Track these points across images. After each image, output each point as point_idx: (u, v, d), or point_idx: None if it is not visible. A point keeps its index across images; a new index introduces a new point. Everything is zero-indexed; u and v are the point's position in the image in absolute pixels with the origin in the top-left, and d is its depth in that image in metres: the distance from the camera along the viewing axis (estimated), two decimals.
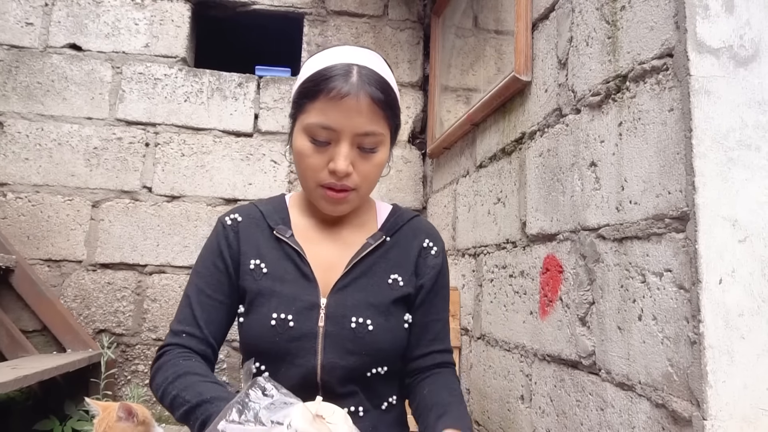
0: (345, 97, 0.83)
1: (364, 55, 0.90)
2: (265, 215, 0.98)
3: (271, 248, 0.94)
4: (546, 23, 1.54)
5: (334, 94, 0.83)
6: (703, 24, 0.97)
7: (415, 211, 1.08)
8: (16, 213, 2.51)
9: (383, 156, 0.91)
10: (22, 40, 2.59)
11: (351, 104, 0.84)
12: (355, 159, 0.88)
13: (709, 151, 0.95)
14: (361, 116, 0.85)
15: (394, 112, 0.92)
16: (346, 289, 0.92)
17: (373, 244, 0.96)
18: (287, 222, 0.97)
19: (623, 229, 1.13)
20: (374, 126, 0.87)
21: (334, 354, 0.88)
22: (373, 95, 0.85)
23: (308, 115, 0.87)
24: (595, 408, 1.21)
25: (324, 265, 0.94)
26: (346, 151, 0.86)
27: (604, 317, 1.19)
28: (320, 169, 0.88)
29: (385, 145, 0.91)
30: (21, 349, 2.32)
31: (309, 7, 2.83)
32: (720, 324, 0.91)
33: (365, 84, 0.85)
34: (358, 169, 0.88)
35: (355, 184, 0.89)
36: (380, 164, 0.92)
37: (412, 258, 0.98)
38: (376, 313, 0.91)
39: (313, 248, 0.95)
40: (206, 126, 2.68)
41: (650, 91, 1.07)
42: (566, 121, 1.40)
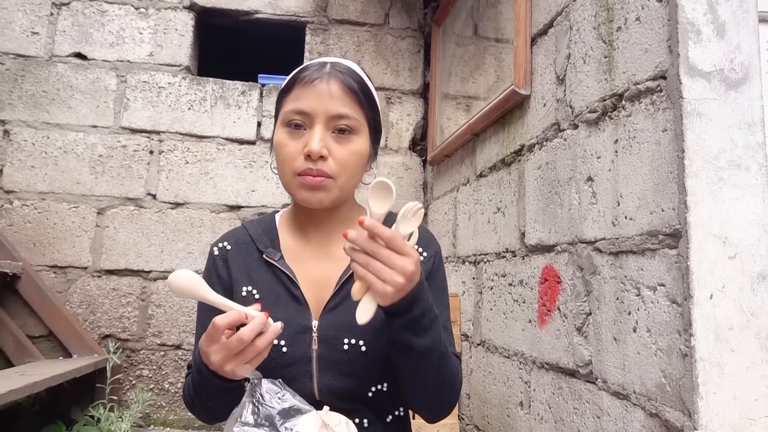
0: (316, 81, 0.88)
1: (342, 59, 0.96)
2: (254, 239, 0.97)
3: (262, 273, 0.94)
4: (545, 39, 1.58)
5: (307, 80, 0.88)
6: (695, 48, 1.01)
7: None
8: (22, 220, 2.54)
9: (360, 146, 0.90)
10: (27, 49, 2.63)
11: (322, 87, 0.87)
12: (331, 144, 0.88)
13: (701, 170, 0.99)
14: (332, 98, 0.87)
15: (371, 104, 0.92)
16: (337, 309, 0.90)
17: None
18: (276, 244, 0.97)
19: (619, 244, 1.17)
20: (347, 108, 0.88)
21: (329, 377, 0.88)
22: (344, 80, 0.88)
23: (285, 106, 0.91)
24: (592, 416, 1.25)
25: (315, 284, 0.93)
26: (320, 133, 0.87)
27: (601, 328, 1.23)
28: (296, 156, 0.88)
29: (361, 135, 0.91)
30: (27, 355, 2.36)
31: (311, 16, 2.87)
32: (711, 337, 0.95)
33: (337, 72, 0.89)
34: (334, 155, 0.88)
35: (331, 170, 0.88)
36: (357, 152, 0.90)
37: None
38: (368, 331, 0.88)
39: (303, 268, 0.95)
40: (210, 134, 2.72)
41: (645, 111, 1.11)
42: (564, 135, 1.44)
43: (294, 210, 1.01)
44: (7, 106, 2.59)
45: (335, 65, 0.91)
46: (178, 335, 2.59)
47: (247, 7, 2.82)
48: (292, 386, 0.81)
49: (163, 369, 2.58)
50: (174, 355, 2.58)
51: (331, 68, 0.90)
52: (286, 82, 0.93)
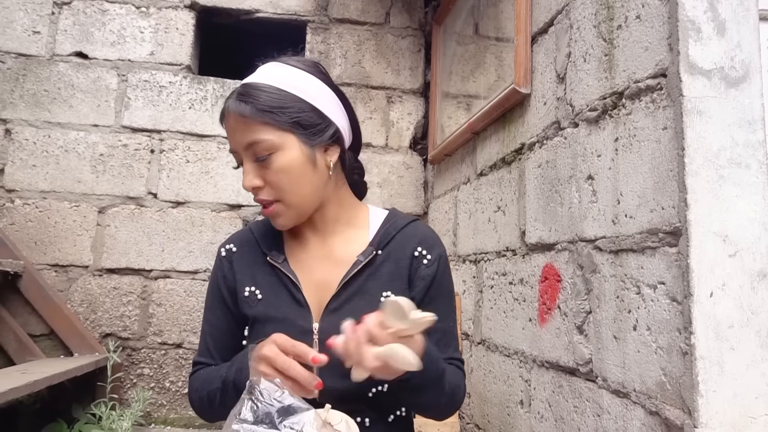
0: (224, 119, 0.90)
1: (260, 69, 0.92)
2: (258, 240, 0.99)
3: (265, 274, 0.95)
4: (545, 37, 1.58)
5: (223, 119, 0.91)
6: (696, 46, 1.01)
7: (415, 216, 1.06)
8: (23, 219, 2.55)
9: (285, 160, 0.87)
10: (29, 49, 2.63)
11: (230, 124, 0.89)
12: (260, 171, 0.89)
13: (701, 169, 0.99)
14: (237, 132, 0.88)
15: (279, 111, 0.87)
16: (337, 312, 0.90)
17: (364, 261, 0.93)
18: (280, 246, 0.98)
19: (619, 242, 1.17)
20: (253, 135, 0.86)
21: (329, 379, 0.86)
22: (238, 109, 0.86)
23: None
24: (592, 414, 1.25)
25: (316, 286, 0.94)
26: (248, 166, 0.89)
27: (601, 326, 1.23)
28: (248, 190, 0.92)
29: (282, 150, 0.87)
30: (29, 353, 2.37)
31: (312, 15, 2.87)
32: (711, 335, 0.95)
33: (234, 102, 0.87)
34: (267, 180, 0.89)
35: (271, 195, 0.90)
36: (283, 169, 0.88)
37: (404, 269, 0.95)
38: None
39: (306, 270, 0.95)
40: (210, 133, 2.72)
41: (645, 109, 1.11)
42: (564, 134, 1.43)
43: None
44: (8, 105, 2.59)
45: (239, 92, 0.88)
46: (179, 334, 2.59)
47: (247, 6, 2.82)
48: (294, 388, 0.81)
49: (164, 368, 2.58)
50: (175, 353, 2.59)
51: (232, 99, 0.88)
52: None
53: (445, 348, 0.96)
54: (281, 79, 0.90)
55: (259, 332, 0.91)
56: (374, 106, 2.87)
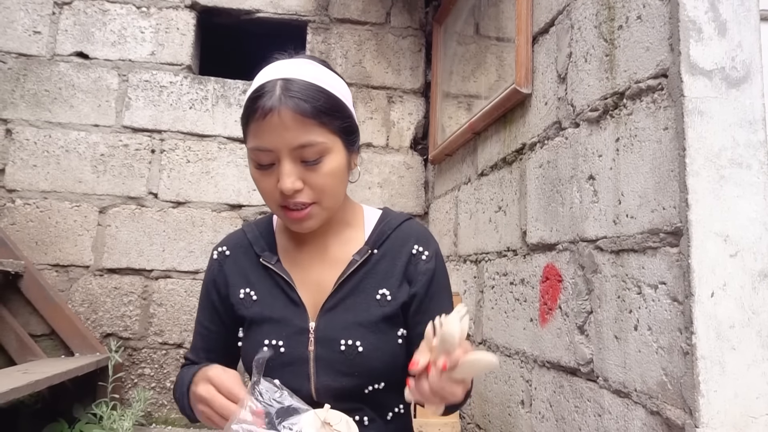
0: (268, 114, 0.80)
1: (295, 66, 0.86)
2: (251, 242, 0.98)
3: (259, 275, 0.95)
4: (546, 37, 1.58)
5: (260, 114, 0.81)
6: (697, 47, 1.01)
7: (408, 215, 1.03)
8: (24, 219, 2.55)
9: (334, 164, 0.86)
10: (30, 49, 2.63)
11: (275, 121, 0.81)
12: (303, 173, 0.84)
13: (702, 169, 0.99)
14: (289, 130, 0.81)
15: (334, 115, 0.86)
16: (333, 311, 0.91)
17: (359, 261, 0.93)
18: (273, 247, 0.97)
19: (620, 242, 1.17)
20: (308, 136, 0.82)
21: (326, 377, 0.88)
22: (295, 107, 0.81)
23: (249, 140, 0.86)
24: (593, 414, 1.25)
25: (312, 286, 0.94)
26: (288, 168, 0.83)
27: (602, 326, 1.23)
28: (273, 190, 0.86)
29: (333, 153, 0.86)
30: (30, 353, 2.37)
31: (312, 15, 2.87)
32: (712, 335, 0.95)
33: (287, 98, 0.81)
34: (310, 183, 0.85)
35: (311, 198, 0.86)
36: (333, 173, 0.86)
37: (400, 268, 0.94)
38: (365, 333, 0.89)
39: (300, 270, 0.95)
40: (211, 133, 2.72)
41: (646, 109, 1.11)
42: (566, 134, 1.44)
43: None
44: (9, 105, 2.59)
45: (286, 87, 0.82)
46: (179, 334, 2.59)
47: (248, 6, 2.82)
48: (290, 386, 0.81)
49: (164, 368, 2.58)
50: (175, 353, 2.59)
51: (280, 92, 0.81)
52: (245, 107, 0.86)
53: None
54: (327, 82, 0.87)
55: (256, 332, 0.92)
56: (375, 106, 2.87)
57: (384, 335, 0.91)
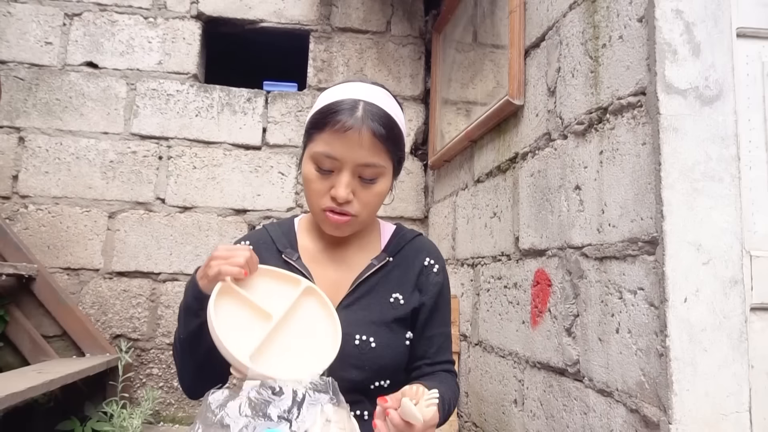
0: (349, 130, 0.89)
1: (372, 91, 0.96)
2: (274, 239, 1.06)
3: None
4: (537, 51, 1.65)
5: (339, 126, 0.90)
6: (672, 67, 1.08)
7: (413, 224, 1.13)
8: (37, 224, 2.64)
9: (384, 186, 0.96)
10: (41, 59, 2.72)
11: (354, 137, 0.90)
12: (356, 188, 0.93)
13: (677, 182, 1.05)
14: (363, 149, 0.90)
15: (397, 146, 0.97)
16: (350, 308, 0.98)
17: (377, 265, 1.02)
18: (294, 245, 1.05)
19: (603, 249, 1.24)
20: (375, 158, 0.92)
21: (340, 369, 0.93)
22: (375, 130, 0.90)
23: (315, 144, 0.93)
24: (579, 412, 1.31)
25: (330, 285, 1.00)
26: (347, 179, 0.92)
27: (587, 329, 1.30)
28: (323, 194, 0.94)
29: (385, 177, 0.96)
30: (42, 354, 2.45)
31: (315, 24, 2.95)
32: (685, 338, 1.01)
33: (369, 119, 0.91)
34: (359, 197, 0.94)
35: (355, 210, 0.94)
36: (380, 194, 0.97)
37: (413, 276, 1.03)
38: (378, 330, 0.97)
39: (320, 270, 1.03)
40: (217, 139, 2.80)
41: (627, 124, 1.18)
42: (555, 145, 1.50)
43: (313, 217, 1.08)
44: (22, 114, 2.68)
45: (367, 109, 0.92)
46: None
47: (252, 16, 2.90)
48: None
49: (172, 368, 2.66)
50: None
51: (363, 113, 0.91)
52: (318, 116, 0.95)
53: (446, 351, 1.06)
54: (396, 114, 0.97)
55: None
56: None
57: (395, 335, 0.99)
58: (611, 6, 1.25)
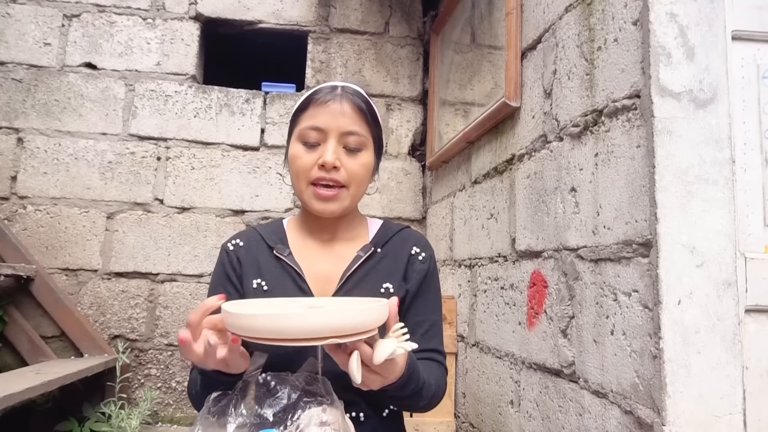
0: (329, 101, 0.99)
1: (348, 83, 1.07)
2: (264, 237, 1.08)
3: (271, 266, 1.04)
4: (534, 53, 1.66)
5: (321, 100, 0.99)
6: (666, 70, 1.09)
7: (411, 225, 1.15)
8: (35, 224, 2.64)
9: (367, 158, 1.02)
10: (40, 60, 2.72)
11: (335, 107, 0.98)
12: (342, 156, 0.99)
13: (671, 185, 1.06)
14: (345, 117, 0.98)
15: (375, 123, 1.04)
16: None
17: (364, 256, 1.03)
18: (285, 242, 1.07)
19: (598, 251, 1.24)
20: (356, 126, 0.99)
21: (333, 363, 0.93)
22: (354, 101, 1.00)
23: (301, 124, 1.00)
24: (575, 413, 1.32)
25: (320, 279, 1.03)
26: (334, 146, 0.98)
27: (582, 330, 1.30)
28: (311, 166, 0.98)
29: (368, 150, 1.02)
30: (41, 354, 2.46)
31: (313, 25, 2.95)
32: (678, 340, 1.02)
33: (348, 94, 1.00)
34: (345, 166, 0.99)
35: (343, 179, 0.99)
36: (365, 165, 1.01)
37: (401, 265, 1.05)
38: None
39: (310, 264, 1.04)
40: (215, 140, 2.80)
41: (621, 127, 1.18)
42: (551, 147, 1.51)
43: (302, 214, 1.11)
44: (20, 115, 2.68)
45: (345, 88, 1.02)
46: None
47: (251, 17, 2.91)
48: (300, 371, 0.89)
49: (170, 368, 2.67)
50: (181, 355, 2.67)
51: (342, 91, 1.01)
52: (301, 102, 1.03)
53: (431, 339, 1.04)
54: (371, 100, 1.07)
55: None
56: None
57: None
58: (606, 9, 1.26)
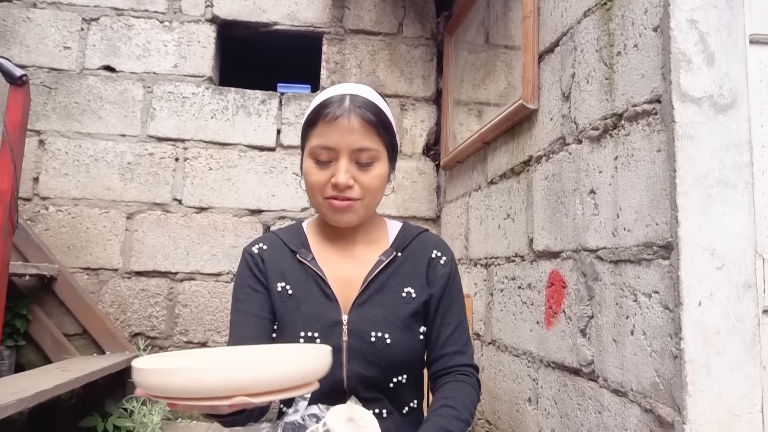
0: (338, 119, 0.96)
1: (357, 87, 1.03)
2: (285, 242, 1.09)
3: (295, 271, 1.05)
4: (551, 56, 1.68)
5: (330, 117, 0.97)
6: (687, 76, 1.11)
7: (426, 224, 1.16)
8: (57, 225, 2.70)
9: (381, 170, 1.01)
10: (60, 63, 2.77)
11: (344, 124, 0.96)
12: (355, 173, 0.98)
13: (691, 189, 1.08)
14: (354, 134, 0.96)
15: (388, 131, 1.02)
16: (364, 306, 1.01)
17: (385, 261, 1.05)
18: (307, 246, 1.09)
19: (618, 253, 1.27)
20: (367, 142, 0.98)
21: (357, 365, 0.98)
22: (362, 115, 0.97)
23: (311, 140, 0.99)
24: (594, 411, 1.35)
25: (342, 283, 1.03)
26: (345, 165, 0.97)
27: (602, 330, 1.33)
28: (324, 184, 0.99)
29: (381, 161, 1.01)
30: (64, 351, 2.51)
31: (327, 27, 2.98)
32: (699, 341, 1.04)
33: (356, 107, 0.98)
34: (359, 182, 0.98)
35: (358, 194, 0.99)
36: (379, 176, 1.01)
37: (422, 270, 1.06)
38: (393, 327, 1.00)
39: (331, 268, 1.06)
40: (232, 141, 2.84)
41: (642, 131, 1.20)
42: (569, 149, 1.53)
43: (320, 218, 1.12)
44: (42, 117, 2.74)
45: (354, 99, 1.00)
46: (203, 333, 2.73)
47: (266, 19, 2.94)
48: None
49: None
50: None
51: (350, 103, 0.98)
52: (310, 116, 1.02)
53: (457, 340, 1.07)
54: (382, 104, 1.04)
55: (291, 326, 1.01)
56: None
57: (409, 330, 1.02)
58: (626, 15, 1.28)
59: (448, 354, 1.05)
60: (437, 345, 1.05)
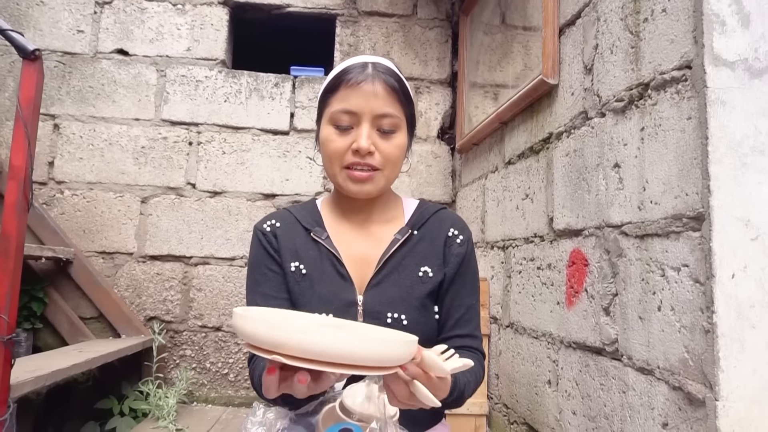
0: (362, 83, 0.94)
1: (377, 58, 1.02)
2: (299, 219, 1.06)
3: (308, 249, 1.02)
4: (572, 29, 1.63)
5: (353, 81, 0.94)
6: (720, 39, 1.06)
7: (442, 204, 1.12)
8: (72, 209, 2.70)
9: (402, 140, 0.99)
10: (74, 47, 2.77)
11: (368, 89, 0.94)
12: (376, 140, 0.95)
13: (724, 157, 1.03)
14: (378, 99, 0.94)
15: (408, 101, 1.00)
16: (379, 286, 0.98)
17: (401, 239, 1.01)
18: (321, 224, 1.05)
19: (644, 227, 1.22)
20: (390, 108, 0.95)
21: None
22: (387, 81, 0.96)
23: (332, 106, 0.97)
24: (618, 391, 1.31)
25: (357, 262, 1.00)
26: (368, 131, 0.94)
27: (627, 308, 1.28)
28: (344, 151, 0.95)
29: (402, 130, 0.99)
30: (80, 334, 2.53)
31: (341, 9, 2.94)
32: (732, 315, 1.00)
33: (380, 73, 0.96)
34: (380, 149, 0.96)
35: (378, 163, 0.96)
36: (400, 146, 0.98)
37: (439, 248, 1.03)
38: (409, 308, 0.97)
39: (347, 247, 1.02)
40: (245, 125, 2.82)
41: (670, 99, 1.15)
42: (592, 123, 1.48)
43: (335, 195, 1.09)
44: (56, 101, 2.74)
45: (376, 66, 0.97)
46: (218, 317, 2.73)
47: (279, 2, 2.91)
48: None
49: (204, 349, 2.72)
50: (214, 336, 2.72)
51: (373, 69, 0.96)
52: (330, 82, 0.99)
53: (467, 323, 1.03)
54: (402, 76, 1.02)
55: (305, 306, 0.98)
56: None
57: (425, 311, 0.99)
58: None
59: (458, 336, 1.02)
60: (446, 327, 1.02)
